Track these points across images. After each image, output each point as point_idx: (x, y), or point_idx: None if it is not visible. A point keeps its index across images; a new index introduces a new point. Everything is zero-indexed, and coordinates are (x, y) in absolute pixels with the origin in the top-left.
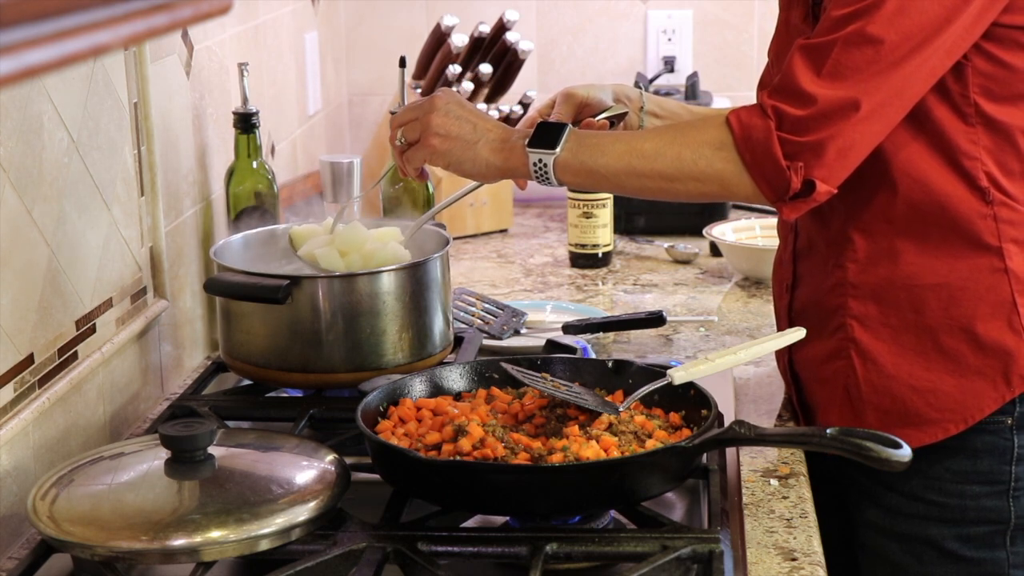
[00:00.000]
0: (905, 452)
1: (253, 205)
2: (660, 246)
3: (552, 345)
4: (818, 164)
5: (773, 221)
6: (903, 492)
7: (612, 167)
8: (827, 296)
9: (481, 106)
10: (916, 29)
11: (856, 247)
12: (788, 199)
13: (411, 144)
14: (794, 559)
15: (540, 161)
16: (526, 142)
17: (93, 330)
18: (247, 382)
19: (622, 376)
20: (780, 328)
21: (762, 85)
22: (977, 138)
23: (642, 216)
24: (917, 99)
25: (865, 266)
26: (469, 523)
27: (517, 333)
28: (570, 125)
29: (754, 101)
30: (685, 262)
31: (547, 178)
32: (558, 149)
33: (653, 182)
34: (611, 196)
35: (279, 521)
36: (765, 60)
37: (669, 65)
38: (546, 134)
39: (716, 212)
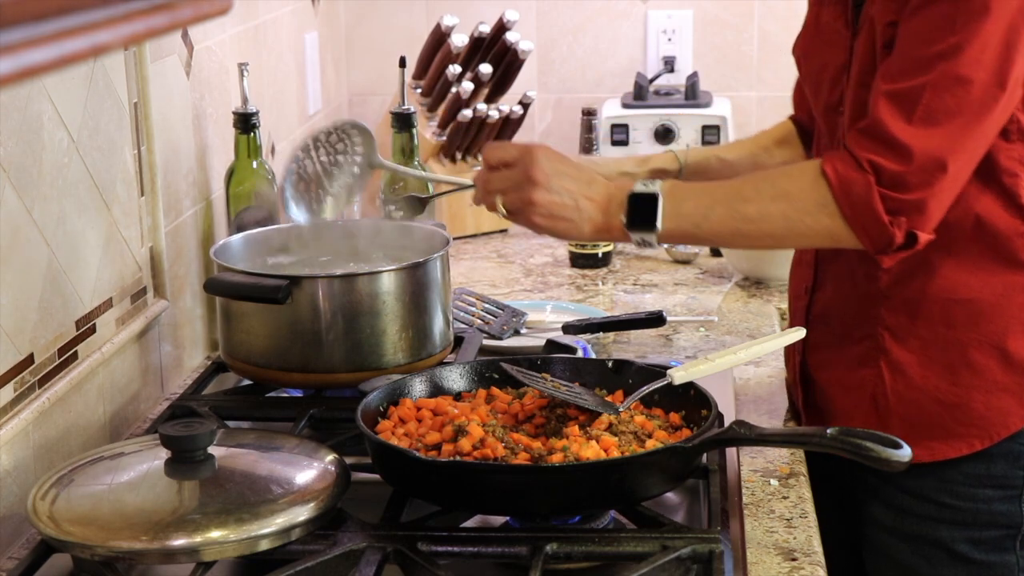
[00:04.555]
0: (905, 452)
1: (253, 205)
2: (660, 246)
3: (552, 345)
4: (920, 219)
5: None
6: (914, 493)
7: (718, 232)
8: (857, 304)
9: (481, 106)
10: (1000, 62)
11: None
12: (891, 251)
13: (512, 212)
14: (794, 559)
15: (643, 240)
16: (624, 222)
17: (93, 330)
18: (247, 382)
19: (622, 376)
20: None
21: (797, 98)
22: (1017, 155)
23: None
24: (999, 131)
25: (899, 278)
26: (469, 523)
27: (517, 333)
28: (660, 193)
29: (754, 100)
30: (685, 262)
31: (650, 246)
32: (658, 226)
33: (761, 242)
34: None
35: (279, 521)
36: (765, 60)
37: (669, 65)
38: (641, 209)
39: None
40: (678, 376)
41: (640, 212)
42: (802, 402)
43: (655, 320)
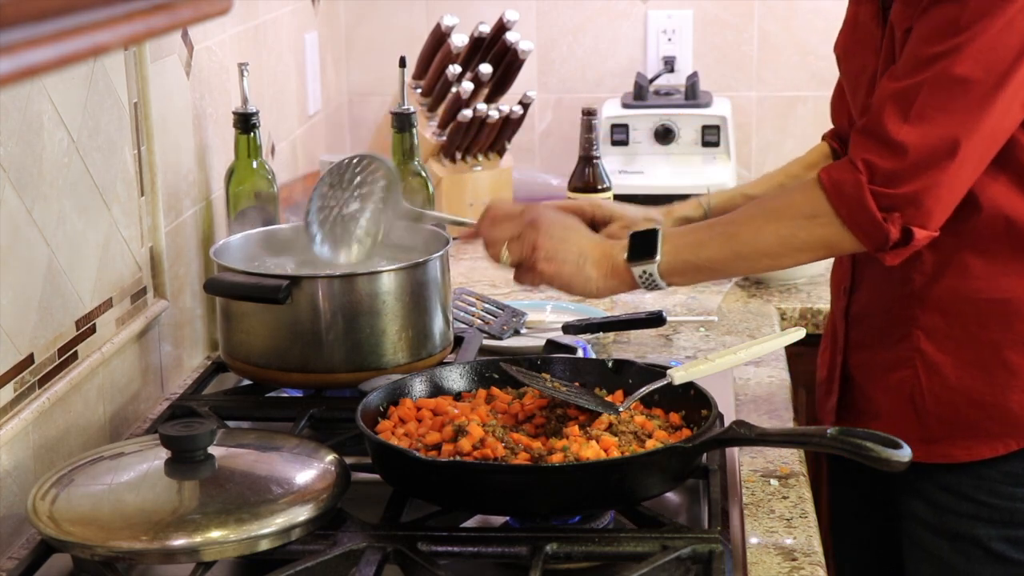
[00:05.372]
0: (905, 452)
1: (253, 205)
2: (666, 287)
3: (552, 345)
4: (916, 214)
5: None
6: (953, 491)
7: (716, 258)
8: (893, 305)
9: (481, 106)
10: (1001, 64)
11: (923, 259)
12: (888, 249)
13: (516, 263)
14: (794, 559)
15: (645, 272)
16: (625, 256)
17: (93, 330)
18: (247, 382)
19: (622, 376)
20: (837, 330)
21: (847, 108)
22: None
23: None
24: (1009, 133)
25: (932, 278)
26: (469, 523)
27: (517, 333)
28: (660, 229)
29: (754, 100)
30: None
31: (655, 285)
32: (657, 256)
33: (760, 262)
34: (611, 196)
35: (279, 521)
36: (765, 60)
37: (669, 65)
38: (641, 244)
39: None
40: (678, 376)
41: (640, 246)
42: (837, 402)
43: (655, 320)
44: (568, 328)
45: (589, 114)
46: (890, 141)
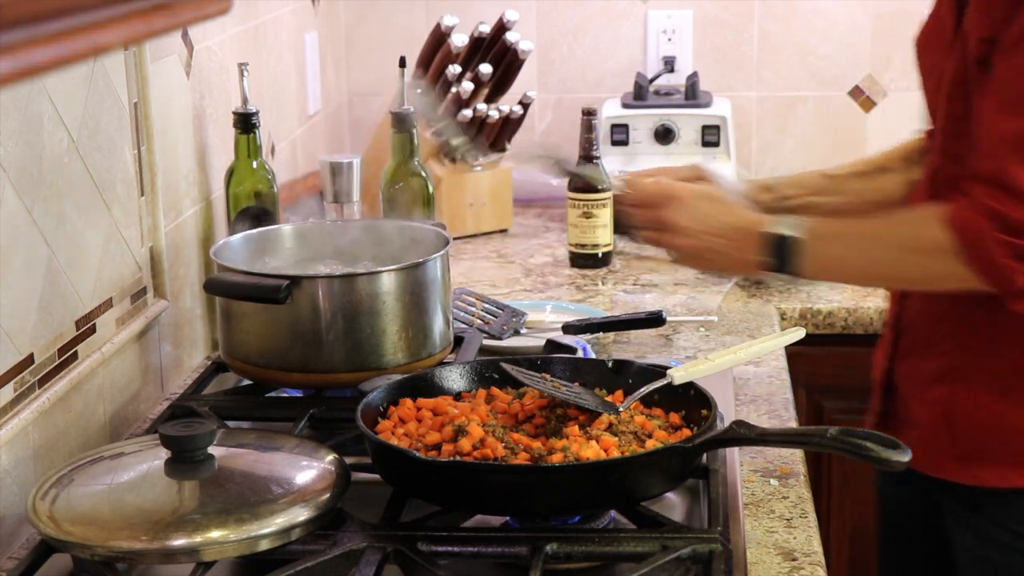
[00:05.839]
0: (904, 453)
1: (253, 205)
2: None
3: (552, 345)
4: None
5: None
6: (995, 521)
7: (850, 275)
8: (937, 320)
9: (481, 106)
10: None
11: None
12: (1014, 295)
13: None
14: (794, 559)
15: (780, 277)
16: (760, 259)
17: (93, 330)
18: (247, 382)
19: (622, 376)
20: (890, 335)
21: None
22: None
23: None
24: None
25: (977, 301)
26: (469, 523)
27: (517, 333)
28: (795, 237)
29: (754, 100)
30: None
31: (788, 283)
32: (794, 270)
33: (899, 285)
34: (611, 196)
35: (279, 521)
36: (765, 60)
37: (669, 65)
38: (778, 253)
39: None
40: (678, 376)
41: (778, 256)
42: (881, 407)
43: (655, 320)
44: (568, 328)
45: (589, 114)
46: (1017, 191)
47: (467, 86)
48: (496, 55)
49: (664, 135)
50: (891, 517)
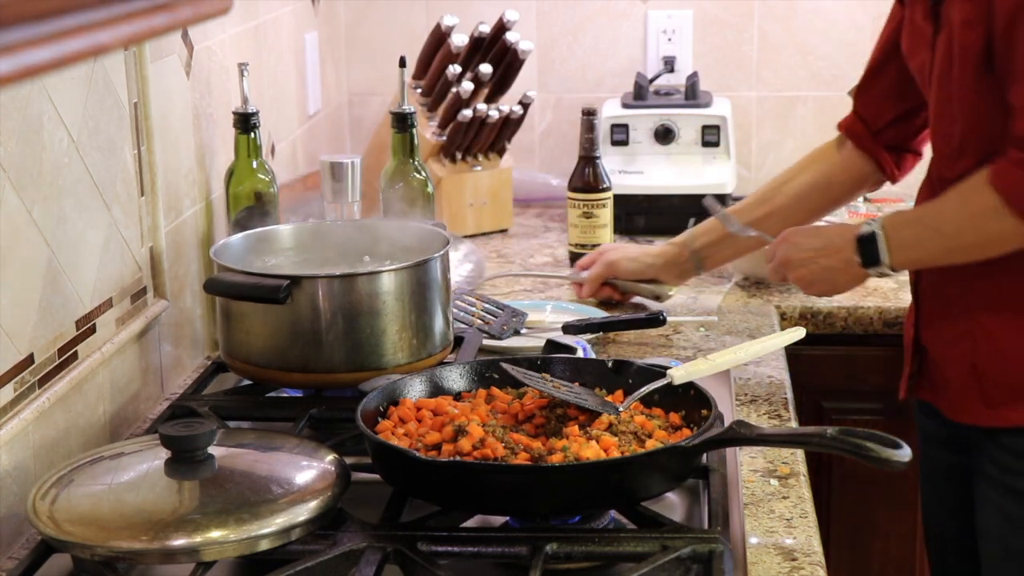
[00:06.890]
0: (905, 452)
1: (253, 205)
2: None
3: (552, 345)
4: None
5: None
6: (1014, 451)
7: (935, 256)
8: (956, 279)
9: (481, 106)
10: None
11: None
12: None
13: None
14: (794, 559)
15: (880, 272)
16: (859, 262)
17: (93, 330)
18: (247, 382)
19: (622, 376)
20: (913, 304)
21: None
22: None
23: (642, 216)
24: None
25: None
26: (469, 523)
27: (517, 333)
28: (879, 232)
29: (754, 100)
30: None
31: (890, 276)
32: (884, 260)
33: (970, 255)
34: (611, 196)
35: (279, 521)
36: (765, 60)
37: (669, 65)
38: (868, 250)
39: None
40: (678, 376)
41: (868, 253)
42: (913, 371)
43: (655, 320)
44: (568, 328)
45: (589, 114)
46: None
47: (467, 86)
48: (496, 55)
49: (664, 135)
50: (928, 449)
